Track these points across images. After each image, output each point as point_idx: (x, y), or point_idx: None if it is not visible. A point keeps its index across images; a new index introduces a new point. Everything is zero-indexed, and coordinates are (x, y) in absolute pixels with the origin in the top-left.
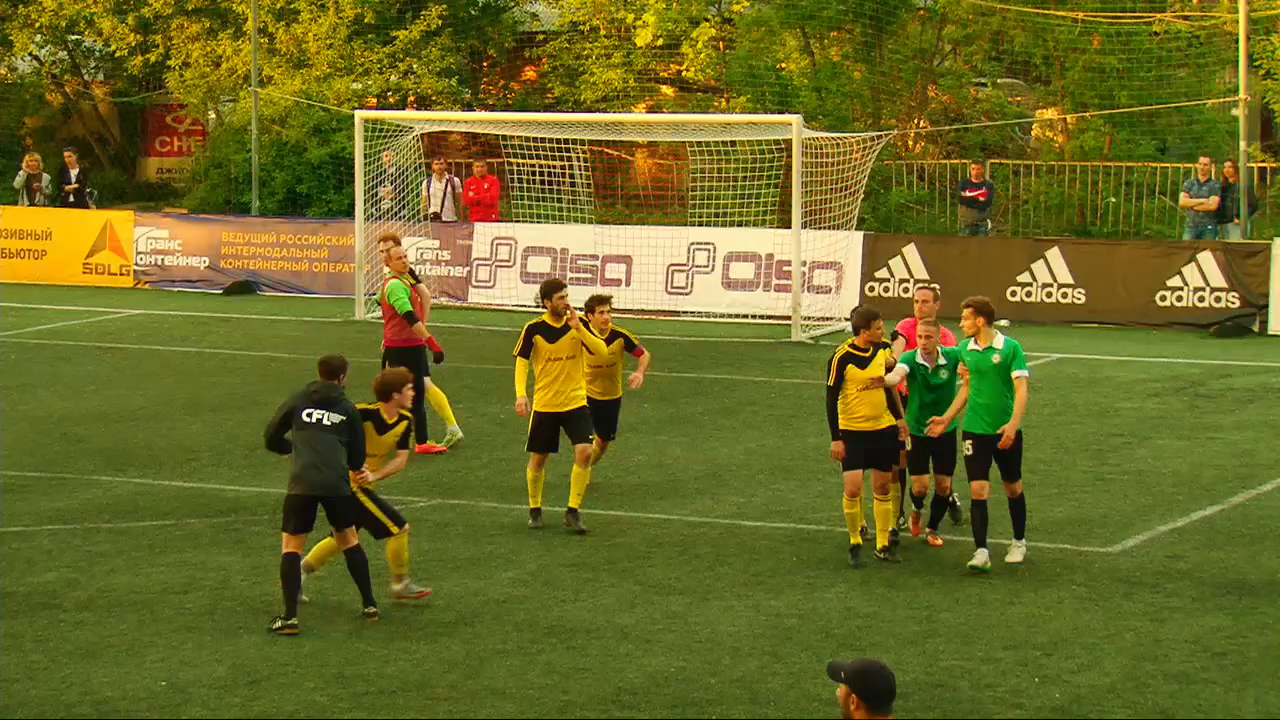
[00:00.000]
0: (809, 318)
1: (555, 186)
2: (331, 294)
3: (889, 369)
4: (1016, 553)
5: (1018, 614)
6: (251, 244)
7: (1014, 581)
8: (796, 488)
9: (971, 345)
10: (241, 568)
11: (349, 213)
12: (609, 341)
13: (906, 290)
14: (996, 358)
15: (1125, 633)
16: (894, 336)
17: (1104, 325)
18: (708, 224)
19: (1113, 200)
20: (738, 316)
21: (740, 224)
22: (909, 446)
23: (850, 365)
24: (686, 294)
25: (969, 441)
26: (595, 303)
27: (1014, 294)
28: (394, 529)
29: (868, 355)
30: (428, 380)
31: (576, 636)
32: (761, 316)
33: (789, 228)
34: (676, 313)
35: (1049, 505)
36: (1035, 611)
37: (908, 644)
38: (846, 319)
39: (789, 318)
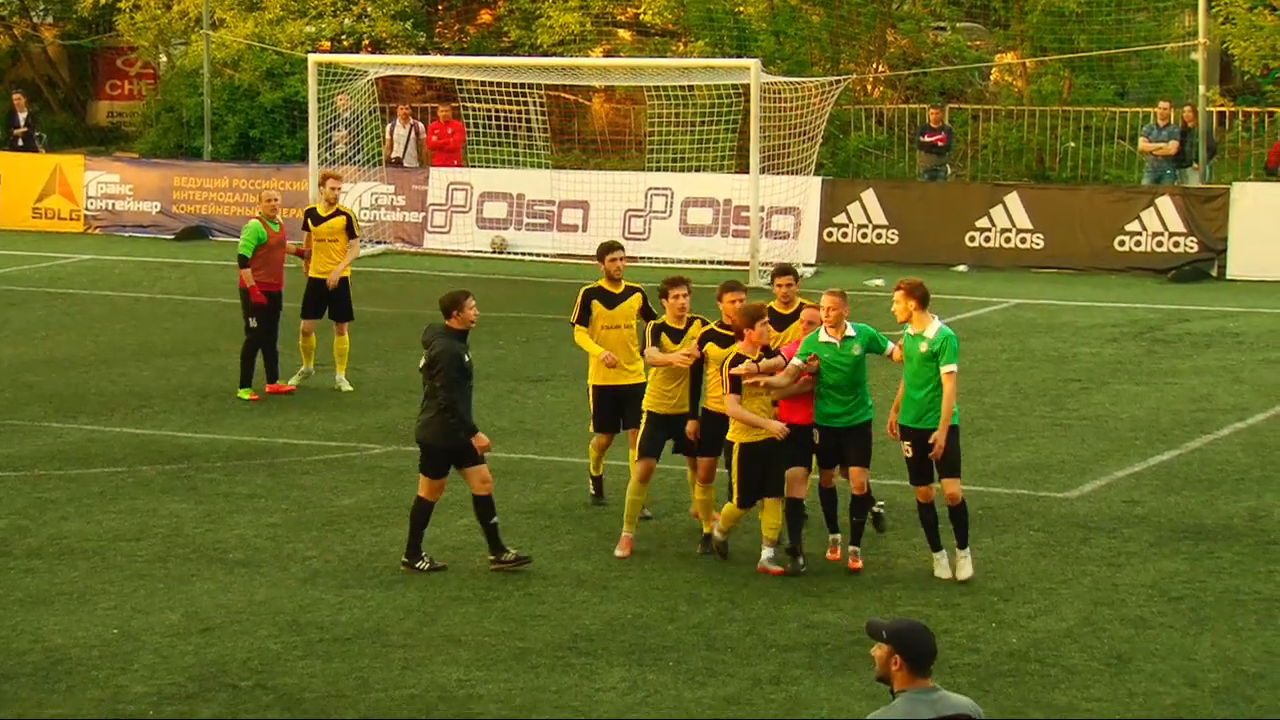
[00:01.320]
0: (767, 263)
1: (512, 131)
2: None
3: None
4: (966, 565)
5: (975, 559)
6: (204, 189)
7: (971, 527)
8: None
9: (909, 329)
10: (194, 515)
11: (303, 158)
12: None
13: (865, 236)
14: (924, 346)
15: (1082, 577)
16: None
17: (1062, 270)
18: (665, 169)
19: (1072, 145)
20: (695, 262)
21: (698, 169)
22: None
23: (710, 343)
24: (644, 239)
25: (906, 442)
26: (669, 285)
27: (972, 239)
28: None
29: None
30: (304, 323)
31: (533, 583)
32: (719, 262)
33: (747, 173)
34: (634, 258)
35: (1006, 450)
36: (992, 557)
37: (865, 589)
38: (805, 265)
39: (747, 263)
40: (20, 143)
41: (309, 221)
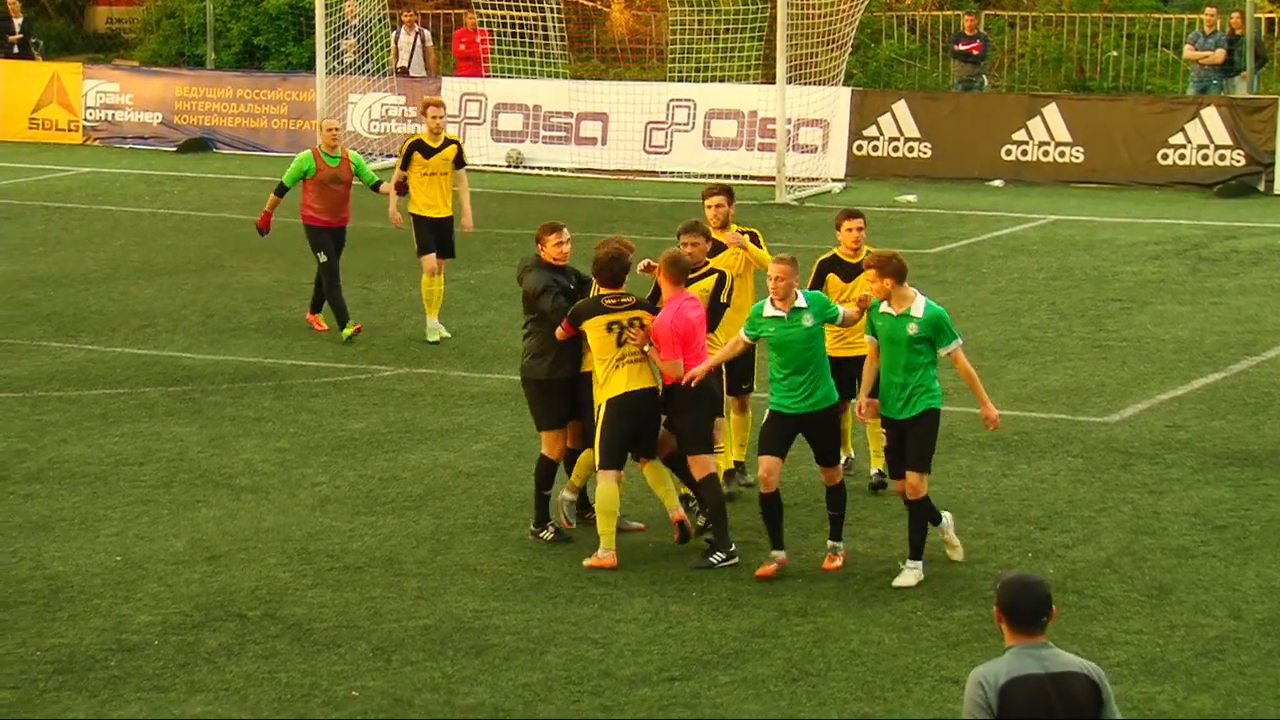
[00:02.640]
0: (794, 179)
1: (527, 39)
2: (291, 152)
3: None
4: (909, 575)
5: (1010, 487)
6: (207, 99)
7: (1007, 454)
8: None
9: (884, 307)
10: (199, 439)
11: (309, 66)
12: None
13: (896, 150)
14: (913, 327)
15: (1122, 505)
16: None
17: (1103, 185)
18: (688, 79)
19: (1114, 54)
20: (719, 177)
21: (722, 79)
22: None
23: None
24: (665, 153)
25: (885, 430)
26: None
27: (1009, 153)
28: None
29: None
30: (428, 260)
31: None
32: (744, 177)
33: (773, 83)
34: (655, 173)
35: (1043, 373)
36: (1029, 484)
37: (895, 518)
38: (834, 180)
39: (773, 178)
40: (15, 50)
41: (416, 154)
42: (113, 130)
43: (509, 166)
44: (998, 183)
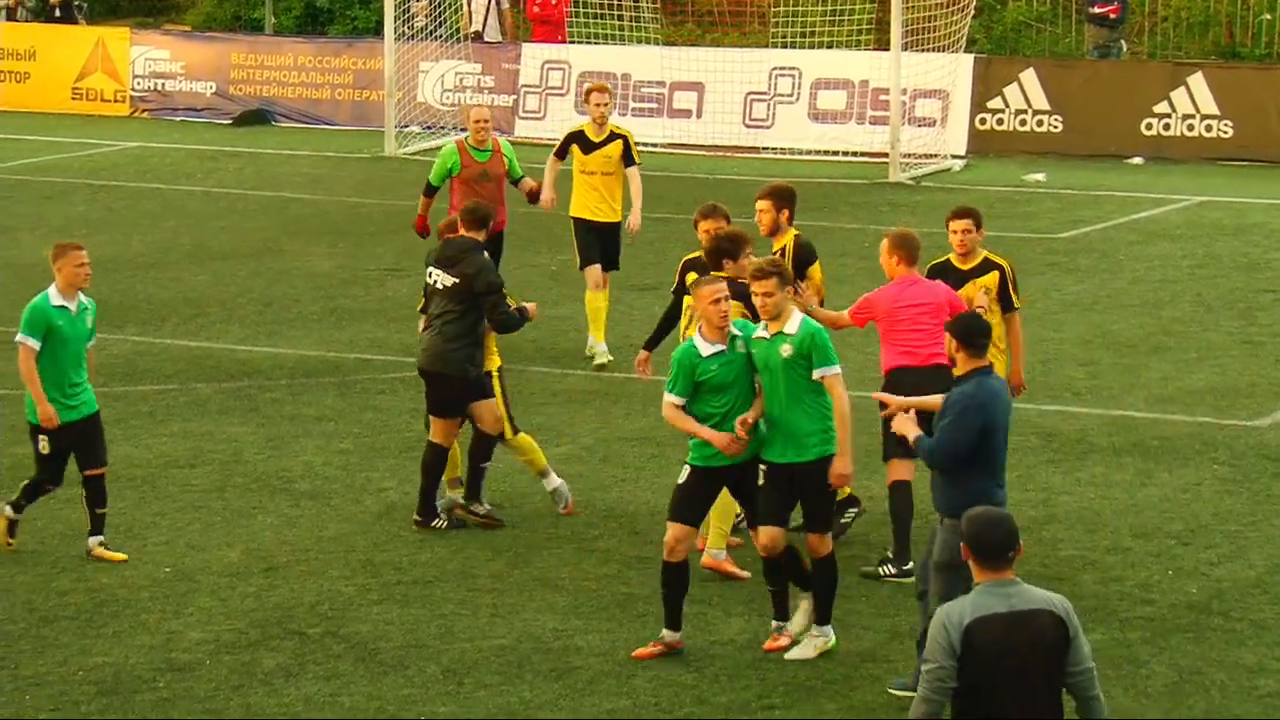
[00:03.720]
0: (909, 155)
1: (616, 2)
2: (357, 125)
3: None
4: (809, 646)
5: (1150, 497)
6: (265, 67)
7: (1146, 460)
8: None
9: (759, 331)
10: (255, 439)
11: (377, 31)
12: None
13: (1023, 123)
14: (786, 349)
15: (1274, 518)
16: None
17: (1254, 163)
18: (792, 46)
19: (1267, 17)
20: (826, 153)
21: (830, 45)
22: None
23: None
24: (767, 127)
25: (761, 468)
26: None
27: (1149, 127)
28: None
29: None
30: (592, 272)
31: (639, 520)
32: (854, 153)
33: (887, 49)
34: (755, 149)
35: (1187, 371)
36: (1170, 494)
37: (1022, 530)
38: (953, 157)
39: (886, 155)
40: (57, 13)
41: (575, 148)
42: (162, 101)
43: None
44: (1137, 160)
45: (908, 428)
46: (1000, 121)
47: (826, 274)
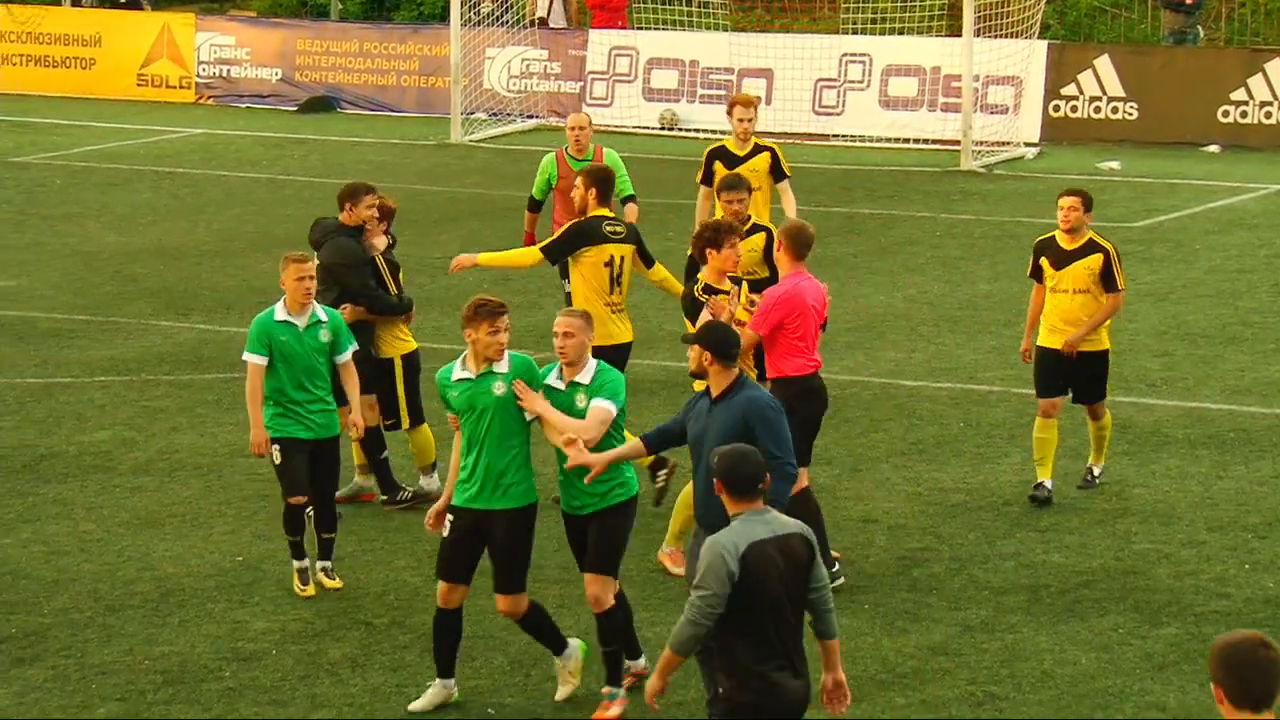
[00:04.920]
0: (982, 143)
1: None
2: (422, 112)
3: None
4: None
5: (1225, 490)
6: (330, 53)
7: (1222, 453)
8: (965, 342)
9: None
10: None
11: (442, 17)
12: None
13: (1098, 110)
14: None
15: None
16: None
17: None
18: (863, 31)
19: None
20: (897, 141)
21: (901, 31)
22: None
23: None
24: (837, 114)
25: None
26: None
27: (1226, 114)
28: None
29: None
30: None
31: None
32: (925, 141)
33: (959, 35)
34: (826, 136)
35: (1264, 363)
36: (1246, 487)
37: (1095, 524)
38: (1027, 144)
39: (958, 142)
40: (123, 0)
41: (718, 164)
42: (228, 88)
43: (662, 128)
44: (1213, 148)
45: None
46: (1074, 109)
47: (897, 263)
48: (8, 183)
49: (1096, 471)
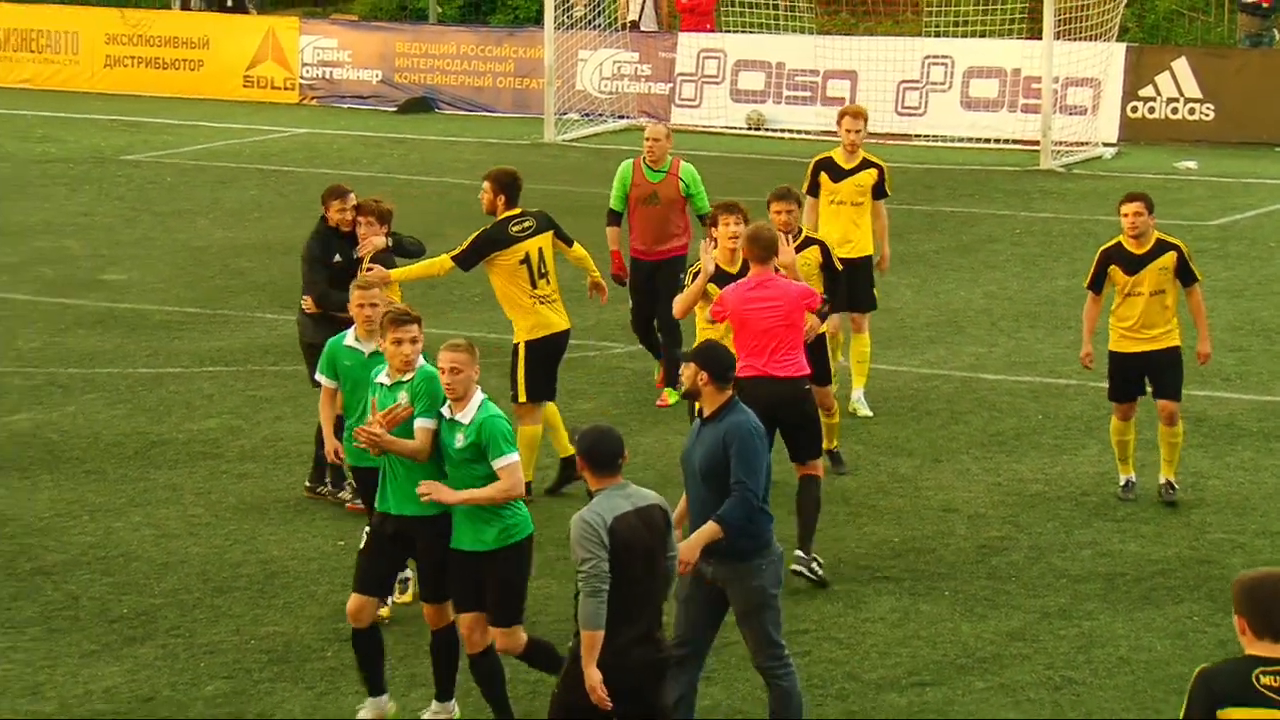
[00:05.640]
0: (1061, 142)
1: None
2: (517, 113)
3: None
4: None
5: None
6: (429, 55)
7: None
8: (1043, 337)
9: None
10: None
11: (537, 20)
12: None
13: (1175, 111)
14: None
15: None
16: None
17: None
18: (945, 34)
19: None
20: (979, 140)
21: (983, 34)
22: None
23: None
24: (919, 115)
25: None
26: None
27: None
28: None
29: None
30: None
31: (792, 500)
32: (1006, 140)
33: (1039, 39)
34: (908, 136)
35: None
36: None
37: (1171, 514)
38: (1105, 145)
39: (1037, 142)
40: (229, 3)
41: (823, 176)
42: (330, 89)
43: (749, 129)
44: None
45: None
46: (1152, 110)
47: (977, 260)
48: (120, 180)
49: (1173, 484)
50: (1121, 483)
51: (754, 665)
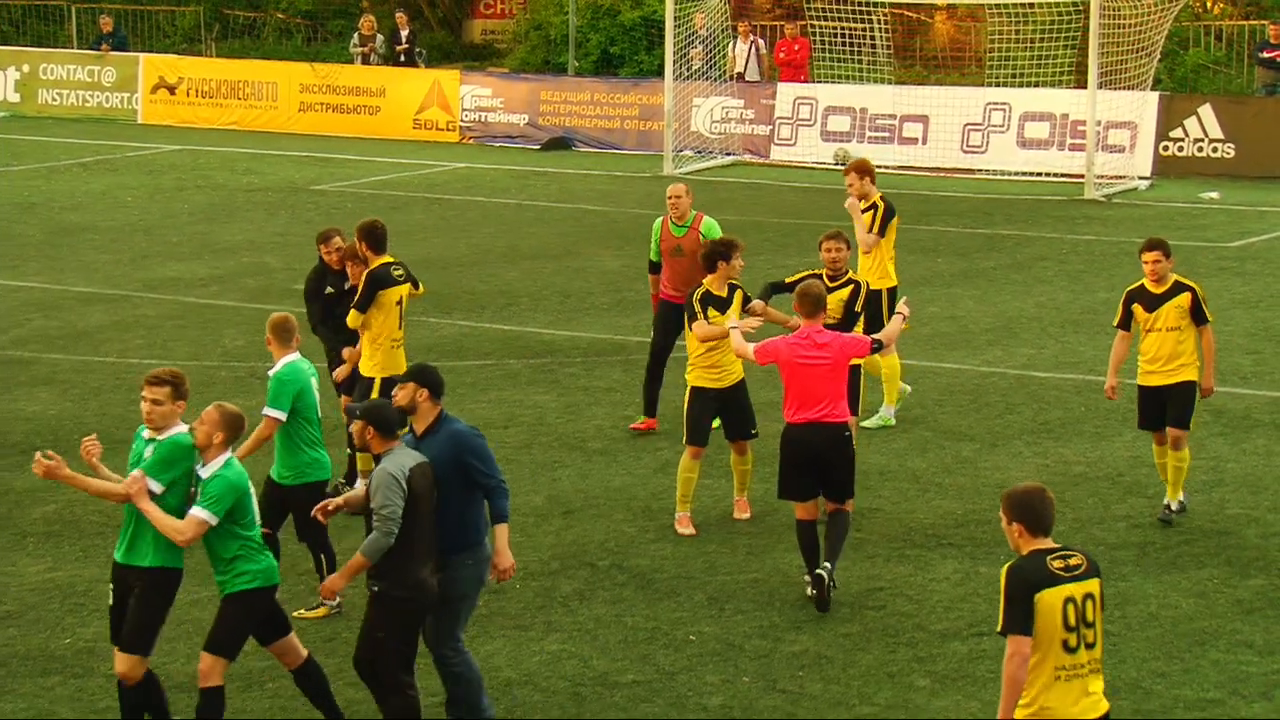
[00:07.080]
0: (1102, 176)
1: (856, 48)
2: (641, 150)
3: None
4: None
5: None
6: (567, 102)
7: None
8: (1086, 340)
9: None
10: (556, 406)
11: (659, 73)
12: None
13: (1200, 150)
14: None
15: None
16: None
17: None
18: (1004, 85)
19: None
20: (1032, 174)
21: (1036, 84)
22: None
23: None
24: (981, 152)
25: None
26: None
27: None
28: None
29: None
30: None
31: (870, 478)
32: (1055, 175)
33: (1085, 88)
34: (971, 170)
35: None
36: None
37: (1193, 492)
38: (1140, 178)
39: (1082, 176)
40: (402, 58)
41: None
42: (485, 130)
43: (836, 163)
44: None
45: None
46: (1181, 149)
47: (1030, 275)
48: (310, 206)
49: (1175, 507)
50: (1165, 504)
51: (428, 646)
